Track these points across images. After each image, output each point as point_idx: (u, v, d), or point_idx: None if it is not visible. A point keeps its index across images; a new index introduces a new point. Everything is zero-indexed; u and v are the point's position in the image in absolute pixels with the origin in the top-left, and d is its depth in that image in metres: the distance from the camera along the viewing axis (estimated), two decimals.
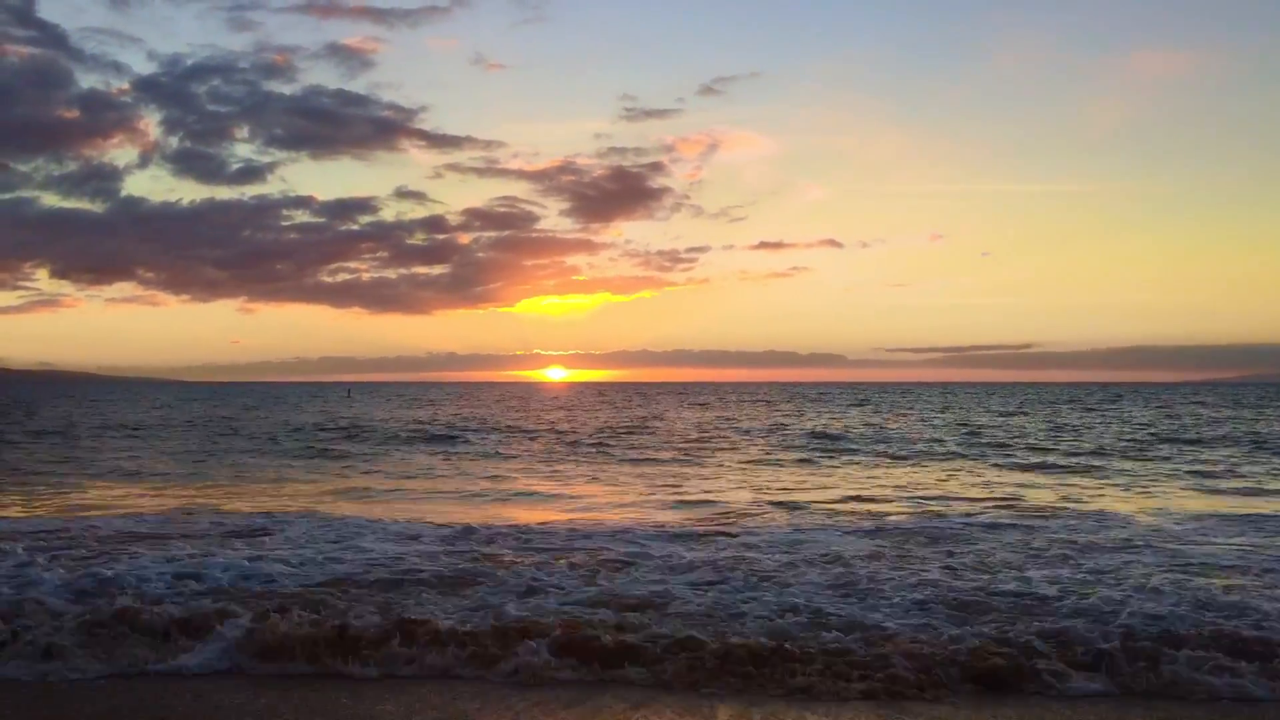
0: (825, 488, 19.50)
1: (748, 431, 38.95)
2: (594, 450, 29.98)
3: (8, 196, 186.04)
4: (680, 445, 31.85)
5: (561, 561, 10.50)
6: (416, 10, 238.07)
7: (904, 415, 54.88)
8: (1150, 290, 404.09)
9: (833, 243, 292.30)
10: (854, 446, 31.04)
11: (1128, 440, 33.33)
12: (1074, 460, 25.87)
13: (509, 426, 43.71)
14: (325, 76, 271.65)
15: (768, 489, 19.17)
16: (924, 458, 27.15)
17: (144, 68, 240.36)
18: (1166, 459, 26.16)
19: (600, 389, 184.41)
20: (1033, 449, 29.69)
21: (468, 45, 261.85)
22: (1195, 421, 45.81)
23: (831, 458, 27.10)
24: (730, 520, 14.48)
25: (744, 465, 24.90)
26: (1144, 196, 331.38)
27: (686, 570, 10.07)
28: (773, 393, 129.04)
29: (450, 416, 54.38)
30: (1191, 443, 31.93)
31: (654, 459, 26.70)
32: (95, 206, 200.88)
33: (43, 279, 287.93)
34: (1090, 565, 10.41)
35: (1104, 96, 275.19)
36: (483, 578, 9.54)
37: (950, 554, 11.19)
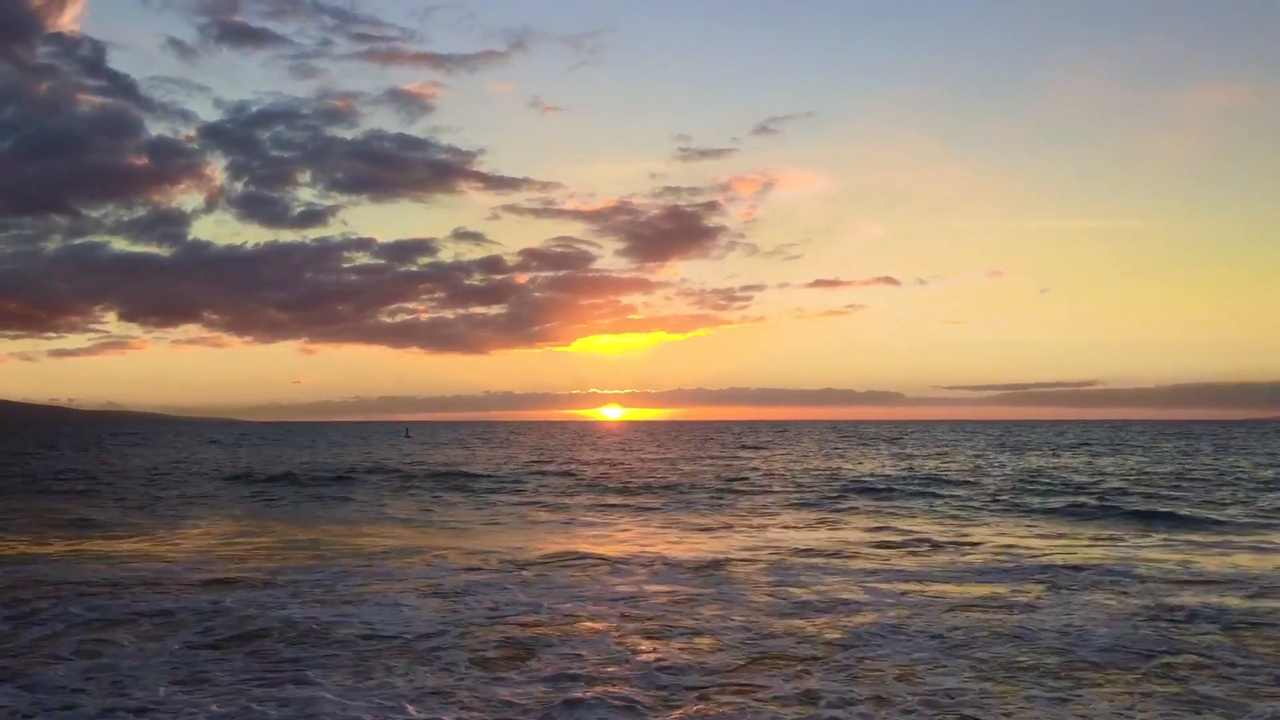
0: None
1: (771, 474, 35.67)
2: (603, 496, 27.11)
3: (79, 242, 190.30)
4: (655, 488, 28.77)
5: None
6: (475, 55, 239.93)
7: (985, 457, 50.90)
8: (1213, 326, 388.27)
9: (889, 280, 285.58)
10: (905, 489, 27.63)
11: None
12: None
13: (511, 470, 41.02)
14: (386, 121, 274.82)
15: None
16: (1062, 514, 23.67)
17: (210, 115, 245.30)
18: None
19: (654, 428, 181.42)
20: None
21: (525, 88, 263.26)
22: None
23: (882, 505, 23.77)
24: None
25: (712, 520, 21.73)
26: (1206, 231, 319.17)
27: None
28: (829, 432, 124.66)
29: (496, 458, 51.99)
30: None
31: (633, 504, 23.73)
32: (163, 251, 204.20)
33: (111, 322, 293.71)
34: None
35: (1164, 131, 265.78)
36: None
37: None
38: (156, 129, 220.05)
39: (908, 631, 9.48)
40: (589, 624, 9.92)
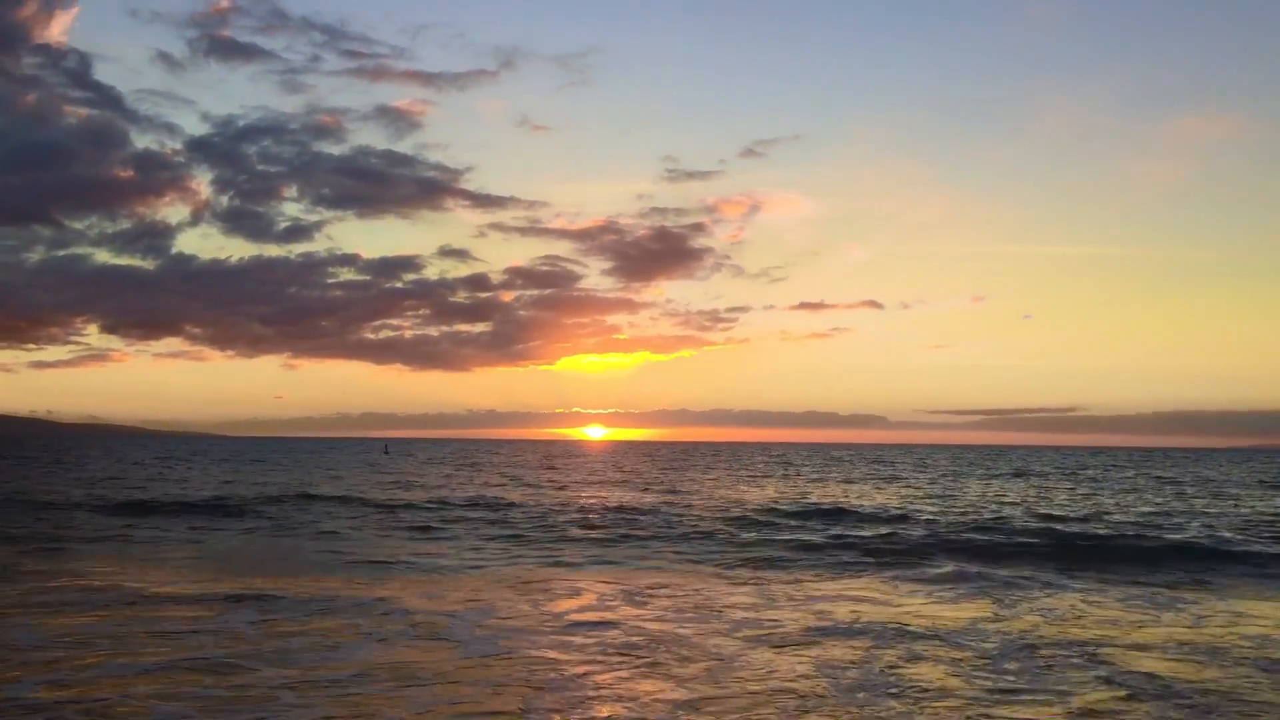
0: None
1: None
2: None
3: (61, 254, 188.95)
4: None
5: None
6: (464, 73, 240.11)
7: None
8: (1195, 354, 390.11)
9: (873, 304, 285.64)
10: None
11: None
12: None
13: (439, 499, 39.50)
14: (373, 137, 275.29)
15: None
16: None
17: (197, 129, 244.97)
18: None
19: (634, 449, 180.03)
20: None
21: (514, 107, 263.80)
22: None
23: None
24: None
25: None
26: (1189, 260, 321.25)
27: None
28: (806, 455, 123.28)
29: (451, 482, 50.47)
30: None
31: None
32: (146, 264, 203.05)
33: (93, 334, 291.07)
34: None
35: (1148, 160, 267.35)
36: None
37: None
38: (142, 141, 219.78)
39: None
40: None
